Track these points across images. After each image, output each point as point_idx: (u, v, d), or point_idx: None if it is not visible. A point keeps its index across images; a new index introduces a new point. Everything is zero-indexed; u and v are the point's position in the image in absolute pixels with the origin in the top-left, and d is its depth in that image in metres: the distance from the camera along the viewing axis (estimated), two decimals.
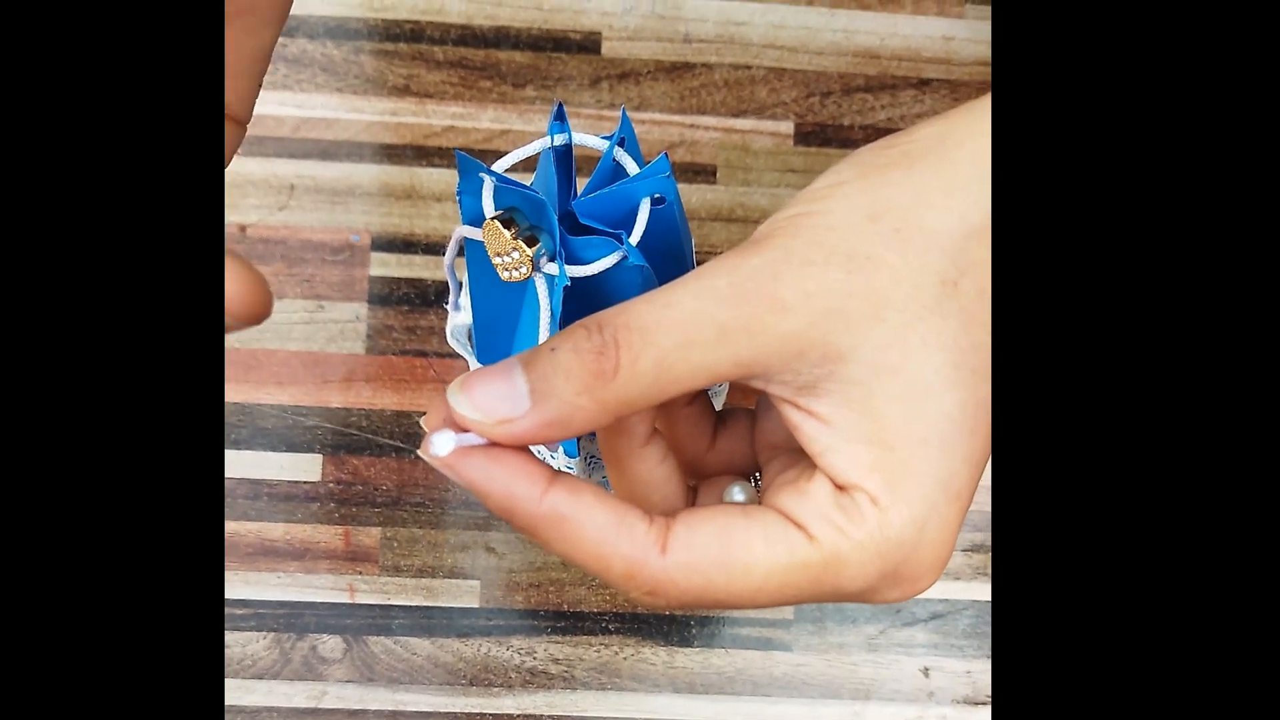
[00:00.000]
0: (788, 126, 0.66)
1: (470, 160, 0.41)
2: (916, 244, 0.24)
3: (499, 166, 0.43)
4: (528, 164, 0.62)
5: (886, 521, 0.24)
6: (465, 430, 0.24)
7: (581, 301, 0.43)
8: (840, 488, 0.24)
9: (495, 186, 0.41)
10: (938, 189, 0.24)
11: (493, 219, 0.41)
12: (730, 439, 0.29)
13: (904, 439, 0.24)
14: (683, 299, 0.24)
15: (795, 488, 0.25)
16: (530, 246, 0.40)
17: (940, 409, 0.24)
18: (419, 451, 0.25)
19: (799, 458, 0.26)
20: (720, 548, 0.24)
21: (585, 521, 0.24)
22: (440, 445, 0.24)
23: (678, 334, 0.24)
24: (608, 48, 0.65)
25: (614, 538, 0.24)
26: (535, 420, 0.24)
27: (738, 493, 0.27)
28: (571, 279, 0.42)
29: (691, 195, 0.65)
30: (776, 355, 0.24)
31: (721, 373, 0.24)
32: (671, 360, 0.24)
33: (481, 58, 0.65)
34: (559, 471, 0.25)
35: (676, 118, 0.65)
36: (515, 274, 0.41)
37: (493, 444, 0.24)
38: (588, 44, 0.65)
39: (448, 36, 0.65)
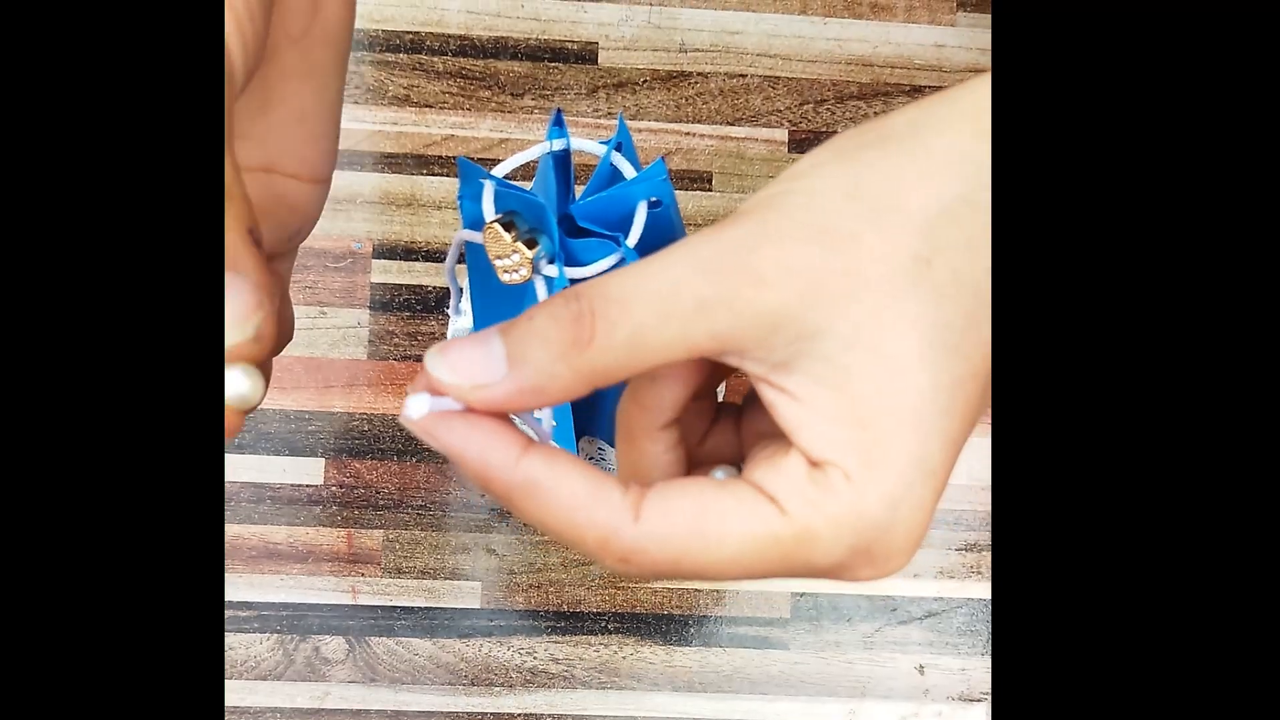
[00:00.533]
0: (782, 134, 0.67)
1: (471, 165, 0.42)
2: (892, 222, 0.24)
3: (499, 171, 0.44)
4: (526, 171, 0.63)
5: (859, 497, 0.24)
6: (442, 395, 0.24)
7: None
8: (815, 464, 0.24)
9: (495, 190, 0.42)
10: (913, 170, 0.25)
11: (493, 222, 0.41)
12: (720, 433, 0.30)
13: (877, 416, 0.24)
14: (662, 270, 0.24)
15: (771, 463, 0.25)
16: (530, 249, 0.41)
17: (914, 386, 0.24)
18: (399, 417, 0.25)
19: (780, 440, 0.26)
20: (694, 518, 0.24)
21: (559, 488, 0.24)
22: (414, 408, 0.24)
23: (655, 304, 0.24)
24: (605, 57, 0.66)
25: (588, 504, 0.24)
26: (511, 386, 0.24)
27: (720, 475, 0.28)
28: (571, 280, 0.42)
29: (688, 202, 0.66)
30: (752, 330, 0.24)
31: (698, 346, 0.24)
32: (648, 330, 0.24)
33: (480, 68, 0.66)
34: (535, 440, 0.25)
35: (672, 126, 0.66)
36: (515, 276, 0.42)
37: (470, 410, 0.25)
38: (585, 54, 0.66)
39: (447, 47, 0.66)
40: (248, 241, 0.24)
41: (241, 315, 0.23)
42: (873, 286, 0.24)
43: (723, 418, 0.30)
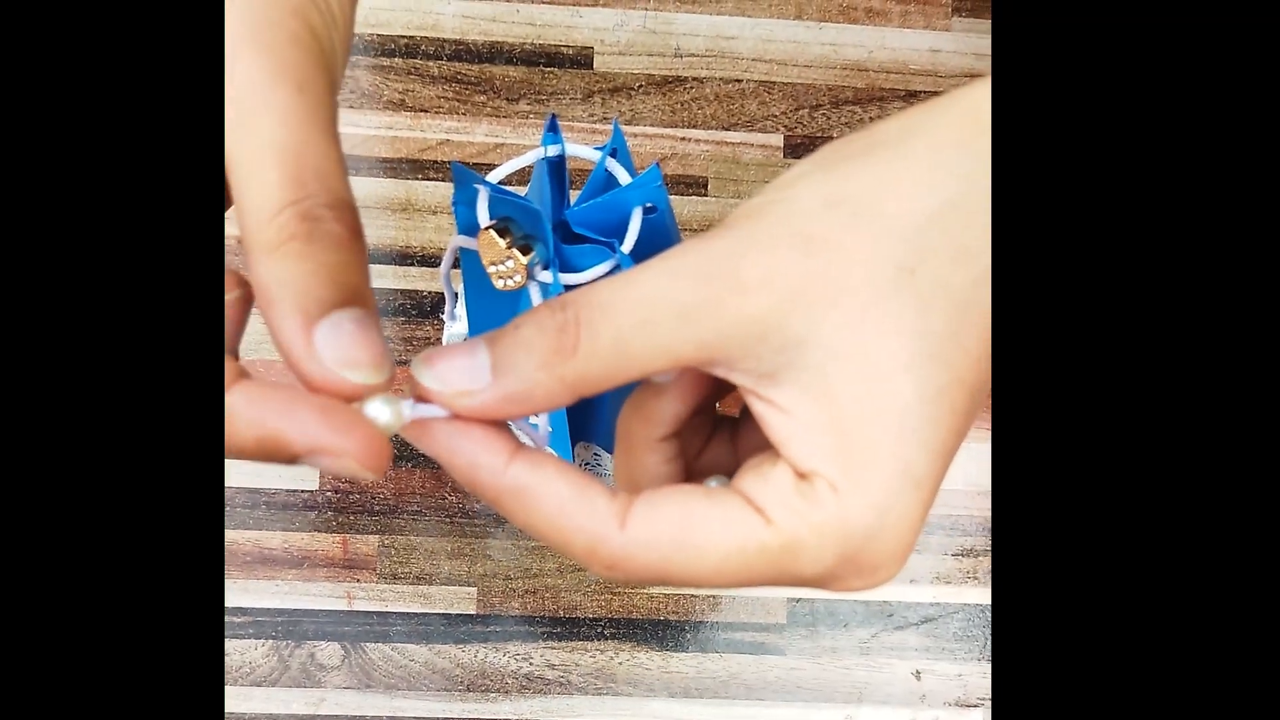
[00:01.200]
0: (777, 139, 0.67)
1: (466, 171, 0.42)
2: (874, 229, 0.24)
3: (493, 177, 0.44)
4: (521, 176, 0.63)
5: (845, 507, 0.24)
6: (429, 402, 0.25)
7: None
8: (802, 475, 0.24)
9: (490, 196, 0.42)
10: (896, 177, 0.25)
11: (488, 228, 0.41)
12: (716, 445, 0.30)
13: (861, 425, 0.24)
14: (645, 279, 0.24)
15: (759, 473, 0.25)
16: (525, 255, 0.41)
17: (897, 395, 0.24)
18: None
19: (771, 451, 0.26)
20: (679, 526, 0.24)
21: (547, 493, 0.24)
22: (401, 413, 0.25)
23: (638, 312, 0.24)
24: (600, 62, 0.66)
25: (574, 510, 0.24)
26: (495, 394, 0.24)
27: (713, 485, 0.27)
28: (565, 286, 0.42)
29: (683, 207, 0.66)
30: (736, 339, 0.24)
31: (682, 354, 0.24)
32: (631, 338, 0.24)
33: (476, 72, 0.66)
34: (523, 447, 0.25)
35: (668, 131, 0.66)
36: (510, 282, 0.42)
37: (458, 417, 0.25)
38: (580, 59, 0.66)
39: (442, 52, 0.66)
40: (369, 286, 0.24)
41: (382, 356, 0.24)
42: (855, 292, 0.24)
43: (720, 431, 0.30)
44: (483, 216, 0.42)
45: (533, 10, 0.66)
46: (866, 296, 0.24)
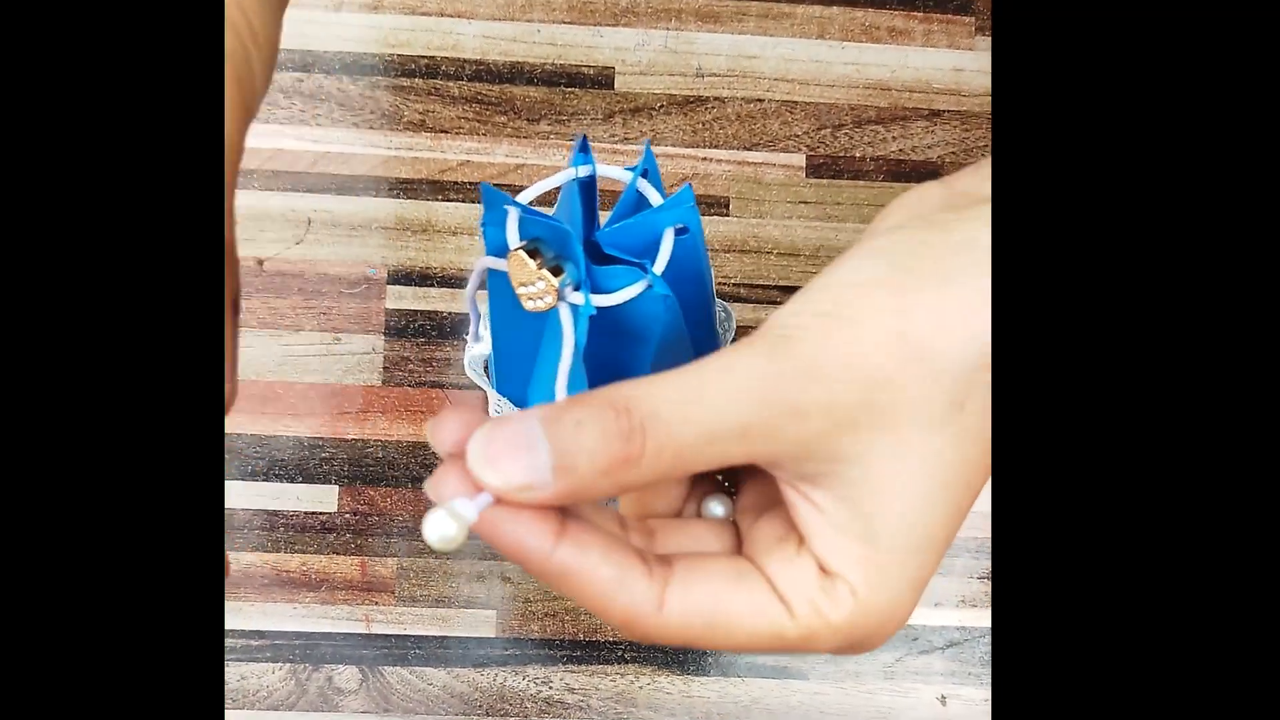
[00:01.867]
0: (799, 159, 0.66)
1: (495, 192, 0.42)
2: (933, 368, 0.26)
3: (523, 198, 0.44)
4: (545, 197, 0.63)
5: (862, 611, 0.27)
6: (481, 490, 0.26)
7: (604, 330, 0.43)
8: (825, 572, 0.27)
9: (520, 217, 0.42)
10: (964, 310, 0.26)
11: (518, 249, 0.41)
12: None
13: (890, 545, 0.26)
14: (712, 396, 0.26)
15: (784, 557, 0.27)
16: (555, 276, 0.41)
17: (928, 522, 0.26)
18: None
19: (783, 515, 0.29)
20: (711, 610, 0.27)
21: (590, 577, 0.26)
22: (463, 510, 0.26)
23: (703, 429, 0.25)
24: (621, 82, 0.66)
25: (615, 591, 0.26)
26: (556, 492, 0.26)
27: (715, 507, 0.30)
28: (597, 308, 0.42)
29: (705, 227, 0.65)
30: (788, 454, 0.26)
31: (735, 462, 0.26)
32: (692, 452, 0.26)
33: (496, 93, 0.66)
34: (567, 521, 0.27)
35: (689, 151, 0.66)
36: (540, 304, 0.42)
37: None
38: (601, 79, 0.66)
39: (463, 72, 0.66)
40: None
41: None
42: (903, 427, 0.26)
43: None
44: (512, 238, 0.42)
45: (554, 30, 0.66)
46: (915, 432, 0.26)
